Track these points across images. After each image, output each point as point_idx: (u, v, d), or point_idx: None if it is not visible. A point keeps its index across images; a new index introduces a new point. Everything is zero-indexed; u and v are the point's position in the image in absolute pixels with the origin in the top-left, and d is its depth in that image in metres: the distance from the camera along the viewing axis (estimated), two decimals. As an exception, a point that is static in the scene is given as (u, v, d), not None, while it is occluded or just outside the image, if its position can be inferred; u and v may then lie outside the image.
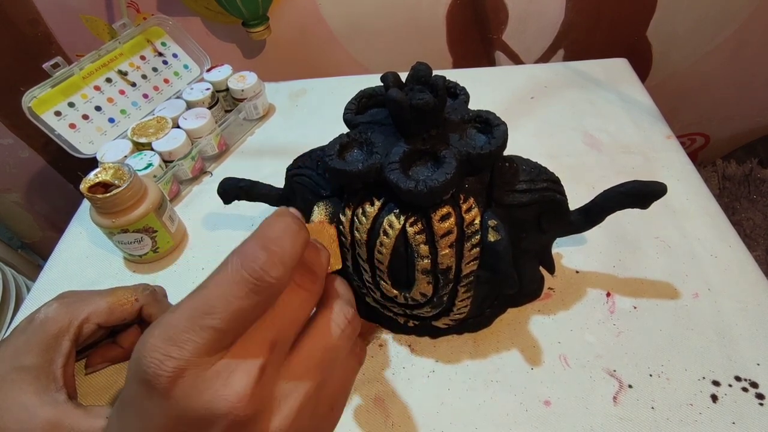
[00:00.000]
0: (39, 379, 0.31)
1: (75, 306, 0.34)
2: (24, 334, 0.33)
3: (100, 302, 0.35)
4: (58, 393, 0.31)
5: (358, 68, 0.83)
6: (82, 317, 0.34)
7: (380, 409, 0.36)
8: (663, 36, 0.80)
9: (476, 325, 0.40)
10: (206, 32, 0.77)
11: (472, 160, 0.29)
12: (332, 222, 0.34)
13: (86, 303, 0.35)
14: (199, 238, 0.50)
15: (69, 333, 0.33)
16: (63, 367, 0.32)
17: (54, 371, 0.32)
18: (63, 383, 0.32)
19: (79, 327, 0.34)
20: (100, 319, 0.35)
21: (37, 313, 0.34)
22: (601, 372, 0.37)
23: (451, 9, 0.75)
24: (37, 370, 0.31)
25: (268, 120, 0.66)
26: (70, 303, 0.34)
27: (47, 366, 0.31)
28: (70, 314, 0.34)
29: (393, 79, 0.31)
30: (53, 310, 0.34)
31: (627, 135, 0.57)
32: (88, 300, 0.35)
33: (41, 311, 0.34)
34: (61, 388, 0.31)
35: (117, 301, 0.36)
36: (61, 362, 0.32)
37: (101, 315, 0.35)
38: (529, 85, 0.66)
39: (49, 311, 0.34)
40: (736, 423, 0.34)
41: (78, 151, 0.53)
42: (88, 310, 0.34)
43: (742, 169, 0.92)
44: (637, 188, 0.34)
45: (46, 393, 0.30)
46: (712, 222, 0.47)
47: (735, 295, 0.41)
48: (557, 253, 0.45)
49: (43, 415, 0.29)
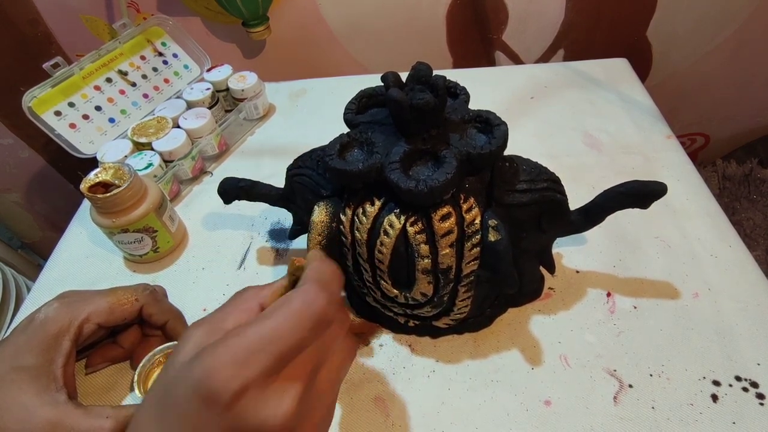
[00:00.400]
0: (39, 379, 0.31)
1: (75, 306, 0.34)
2: (24, 334, 0.33)
3: (100, 302, 0.35)
4: (59, 393, 0.31)
5: (358, 68, 0.83)
6: (83, 317, 0.34)
7: (380, 409, 0.36)
8: (663, 36, 0.80)
9: (476, 324, 0.40)
10: (206, 32, 0.77)
11: (472, 160, 0.29)
12: (333, 221, 0.34)
13: (87, 303, 0.35)
14: (199, 238, 0.50)
15: (69, 333, 0.33)
16: (63, 366, 0.32)
17: (54, 371, 0.32)
18: (63, 383, 0.32)
19: (80, 327, 0.34)
20: (101, 319, 0.35)
21: (38, 313, 0.34)
22: (601, 372, 0.37)
23: (451, 9, 0.75)
24: (37, 369, 0.31)
25: (268, 120, 0.66)
26: (70, 303, 0.34)
27: (47, 366, 0.32)
28: (70, 314, 0.34)
29: (393, 79, 0.31)
30: (53, 310, 0.34)
31: (627, 135, 0.57)
32: (88, 300, 0.35)
33: (41, 311, 0.34)
34: (61, 388, 0.31)
35: (117, 301, 0.36)
36: (61, 362, 0.32)
37: (101, 315, 0.35)
38: (529, 85, 0.66)
39: (50, 311, 0.34)
40: (737, 423, 0.34)
41: (78, 151, 0.53)
42: (88, 309, 0.34)
43: (742, 169, 0.91)
44: (637, 188, 0.34)
45: (47, 393, 0.30)
46: (712, 222, 0.47)
47: (735, 295, 0.41)
48: (557, 253, 0.45)
49: (43, 415, 0.29)
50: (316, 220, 0.34)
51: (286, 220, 0.51)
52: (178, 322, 0.39)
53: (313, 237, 0.34)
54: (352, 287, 0.40)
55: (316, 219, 0.34)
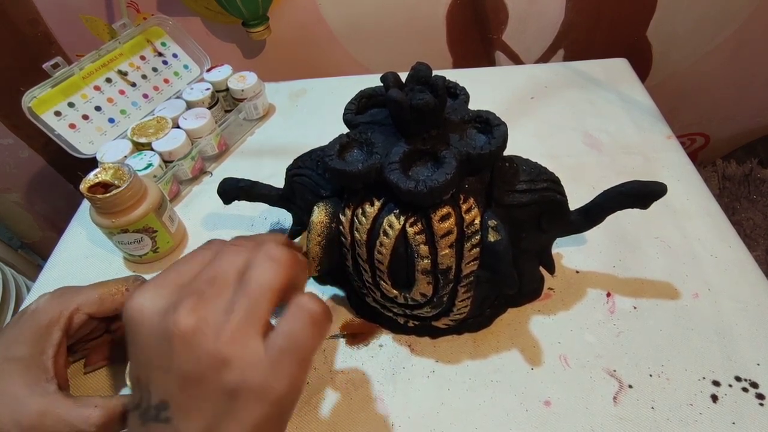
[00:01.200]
0: (30, 369, 0.31)
1: (66, 297, 0.35)
2: (17, 326, 0.33)
3: (90, 293, 0.35)
4: (49, 383, 0.31)
5: (358, 68, 0.83)
6: (72, 308, 0.34)
7: (380, 409, 0.36)
8: (663, 36, 0.80)
9: (476, 325, 0.40)
10: (206, 32, 0.77)
11: (472, 160, 0.29)
12: (332, 222, 0.34)
13: (77, 294, 0.35)
14: (199, 238, 0.50)
15: (59, 323, 0.33)
16: (54, 357, 0.32)
17: (44, 362, 0.32)
18: (54, 374, 0.32)
19: (70, 317, 0.34)
20: (91, 309, 0.35)
21: (29, 306, 0.34)
22: (601, 372, 0.37)
23: (451, 9, 0.75)
24: (27, 360, 0.31)
25: (268, 120, 0.66)
26: (61, 294, 0.35)
27: (38, 356, 0.32)
28: (60, 305, 0.34)
29: (393, 79, 0.31)
30: (44, 302, 0.34)
31: (627, 135, 0.57)
32: (79, 291, 0.36)
33: (33, 303, 0.34)
34: (51, 379, 0.31)
35: (107, 291, 0.36)
36: (51, 352, 0.32)
37: (92, 305, 0.35)
38: (529, 85, 0.66)
39: (41, 302, 0.34)
40: (736, 423, 0.34)
41: (78, 151, 0.53)
42: (78, 300, 0.35)
43: (742, 169, 0.91)
44: (637, 188, 0.34)
45: (37, 384, 0.31)
46: (712, 222, 0.47)
47: (735, 295, 0.41)
48: (557, 253, 0.45)
49: (33, 405, 0.30)
50: (315, 221, 0.34)
51: (286, 220, 0.51)
52: None
53: (312, 237, 0.34)
54: (352, 287, 0.40)
55: (316, 219, 0.34)
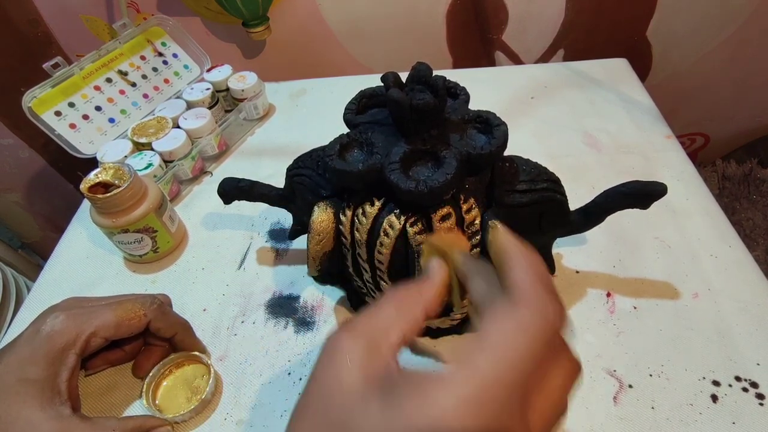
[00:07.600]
0: (44, 392, 0.31)
1: (82, 319, 0.34)
2: (30, 346, 0.32)
3: (107, 316, 0.34)
4: (63, 406, 0.31)
5: (358, 68, 0.83)
6: (90, 332, 0.34)
7: (380, 409, 0.36)
8: (663, 36, 0.80)
9: (476, 325, 0.40)
10: (206, 32, 0.77)
11: (472, 160, 0.29)
12: (332, 222, 0.34)
13: (94, 316, 0.34)
14: (199, 238, 0.50)
15: (75, 347, 0.33)
16: (68, 380, 0.32)
17: (59, 384, 0.31)
18: (68, 396, 0.31)
19: (86, 341, 0.33)
20: (108, 333, 0.34)
21: (44, 325, 0.33)
22: (601, 372, 0.37)
23: (451, 9, 0.75)
24: (42, 382, 0.31)
25: (268, 120, 0.66)
26: (77, 315, 0.34)
27: (52, 379, 0.31)
28: (77, 328, 0.33)
29: (393, 79, 0.31)
30: (60, 323, 0.33)
31: (627, 135, 0.57)
32: (95, 313, 0.34)
33: (47, 323, 0.33)
34: (65, 401, 0.31)
35: (125, 315, 0.35)
36: (66, 375, 0.32)
37: (108, 330, 0.34)
38: (529, 85, 0.66)
39: (56, 324, 0.33)
40: (736, 423, 0.34)
41: (78, 151, 0.53)
42: (95, 324, 0.34)
43: (742, 169, 0.91)
44: (637, 188, 0.34)
45: (51, 406, 0.30)
46: (712, 222, 0.47)
47: (735, 295, 0.41)
48: (557, 253, 0.45)
49: (48, 428, 0.29)
50: (315, 221, 0.34)
51: (286, 220, 0.51)
52: (187, 334, 0.39)
53: (312, 237, 0.34)
54: (352, 287, 0.40)
55: (316, 219, 0.34)
